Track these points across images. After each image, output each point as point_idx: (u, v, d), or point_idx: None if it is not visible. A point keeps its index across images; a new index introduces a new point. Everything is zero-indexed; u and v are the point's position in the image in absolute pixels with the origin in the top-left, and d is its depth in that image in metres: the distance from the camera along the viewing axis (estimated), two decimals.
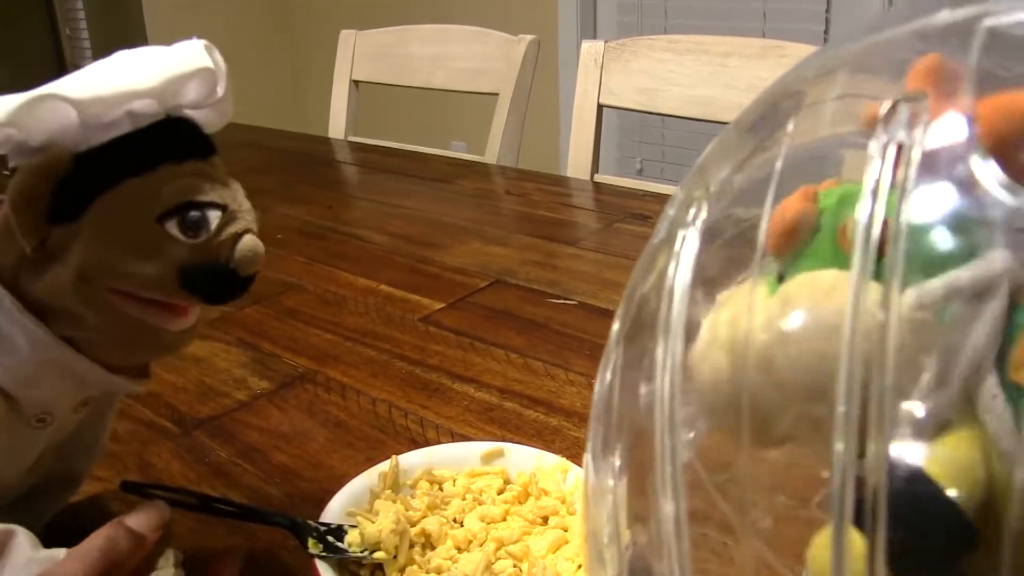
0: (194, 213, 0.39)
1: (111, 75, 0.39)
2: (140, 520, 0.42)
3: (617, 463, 0.29)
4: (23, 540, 0.40)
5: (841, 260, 0.24)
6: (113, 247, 0.39)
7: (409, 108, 2.98)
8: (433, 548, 0.47)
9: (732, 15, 2.43)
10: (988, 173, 0.21)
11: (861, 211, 0.21)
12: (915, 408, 0.20)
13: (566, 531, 0.47)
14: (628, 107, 1.28)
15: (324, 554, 0.46)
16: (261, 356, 0.76)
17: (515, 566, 0.45)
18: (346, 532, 0.47)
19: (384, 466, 0.52)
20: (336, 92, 1.65)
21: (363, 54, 1.64)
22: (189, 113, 0.42)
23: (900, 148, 0.21)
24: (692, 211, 0.28)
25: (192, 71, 0.40)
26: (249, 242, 0.40)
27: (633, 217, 1.11)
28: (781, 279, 0.25)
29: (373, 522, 0.46)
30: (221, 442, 0.64)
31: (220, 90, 0.42)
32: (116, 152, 0.39)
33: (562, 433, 0.63)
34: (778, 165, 0.25)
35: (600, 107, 1.30)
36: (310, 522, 0.48)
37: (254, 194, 0.44)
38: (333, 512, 0.49)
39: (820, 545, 0.22)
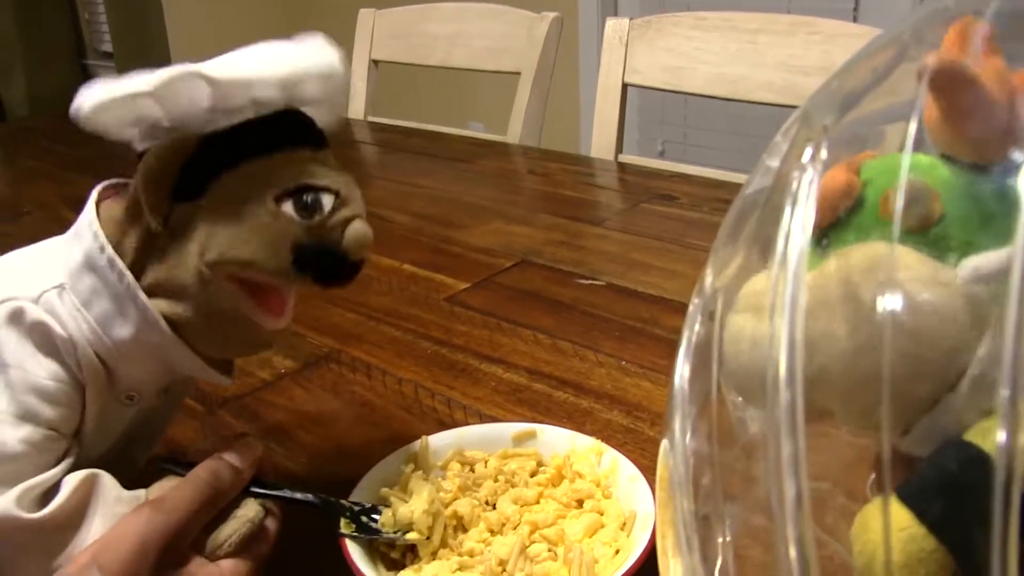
0: (309, 195, 0.41)
1: (242, 62, 0.40)
2: (238, 456, 0.44)
3: (706, 446, 0.28)
4: (108, 481, 0.42)
5: (885, 231, 0.24)
6: (232, 224, 0.40)
7: (425, 88, 2.96)
8: (465, 531, 0.46)
9: None
10: None
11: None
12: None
13: (602, 515, 0.46)
14: (654, 86, 1.25)
15: (356, 534, 0.44)
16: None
17: (550, 550, 0.44)
18: (378, 512, 0.46)
19: (414, 447, 0.51)
20: (355, 72, 1.64)
21: (382, 33, 1.62)
22: (306, 109, 0.44)
23: None
24: (809, 151, 0.26)
25: (317, 68, 0.42)
26: (360, 227, 0.42)
27: (659, 197, 1.09)
28: (819, 248, 0.25)
29: (406, 502, 0.45)
30: (246, 421, 0.63)
31: (339, 90, 0.44)
32: (238, 135, 0.41)
33: (593, 415, 0.61)
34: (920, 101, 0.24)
35: (625, 86, 1.28)
36: (343, 501, 0.47)
37: None
38: (362, 493, 0.48)
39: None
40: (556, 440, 0.52)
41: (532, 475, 0.50)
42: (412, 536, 0.45)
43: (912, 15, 0.31)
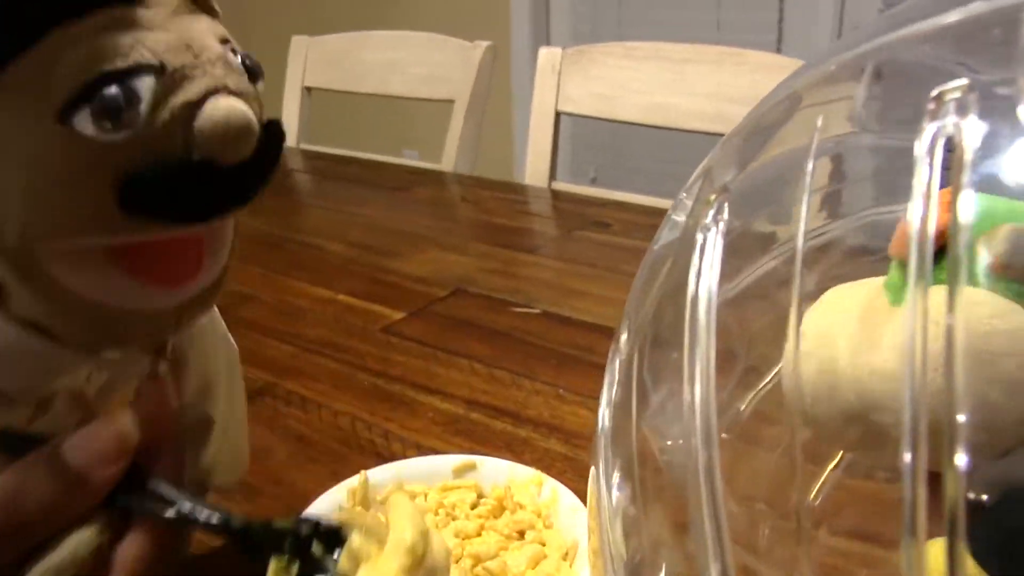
0: (111, 91, 0.25)
1: None
2: (81, 444, 0.29)
3: (630, 486, 0.28)
4: None
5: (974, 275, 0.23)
6: (17, 170, 0.26)
7: (359, 116, 2.95)
8: None
9: (686, 24, 2.45)
10: None
11: (912, 216, 0.20)
12: None
13: (544, 545, 0.46)
14: (586, 114, 1.27)
15: None
16: None
17: None
18: (338, 541, 0.31)
19: (353, 481, 0.50)
20: (288, 99, 1.63)
21: (316, 60, 1.61)
22: None
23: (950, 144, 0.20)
24: (711, 212, 0.27)
25: None
26: (219, 108, 0.26)
27: (593, 224, 1.10)
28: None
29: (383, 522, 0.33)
30: None
31: None
32: None
33: (531, 444, 0.61)
34: (809, 166, 0.24)
35: (558, 114, 1.29)
36: (277, 523, 0.32)
37: None
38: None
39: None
40: (496, 471, 0.52)
41: (473, 507, 0.50)
42: None
43: (803, 70, 0.32)
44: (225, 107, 0.26)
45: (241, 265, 0.34)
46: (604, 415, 0.30)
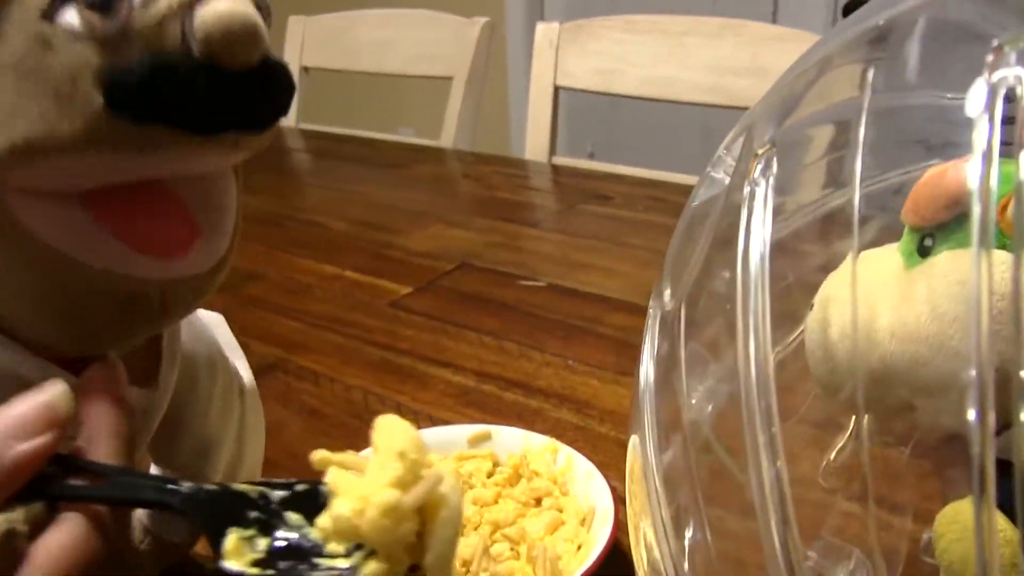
0: None
1: None
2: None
3: (676, 440, 0.28)
4: None
5: (1001, 239, 0.22)
6: None
7: (352, 95, 2.94)
8: None
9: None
10: None
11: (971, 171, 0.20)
12: None
13: (561, 512, 0.47)
14: (586, 88, 1.27)
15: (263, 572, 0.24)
16: None
17: (512, 548, 0.45)
18: (317, 502, 0.25)
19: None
20: None
21: (312, 40, 1.61)
22: None
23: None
24: (759, 167, 0.27)
25: None
26: (215, 7, 0.23)
27: (594, 198, 1.11)
28: (922, 249, 0.25)
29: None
30: None
31: None
32: None
33: (543, 414, 0.62)
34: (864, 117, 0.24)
35: (557, 89, 1.29)
36: (237, 487, 0.26)
37: None
38: None
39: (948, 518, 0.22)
40: (511, 440, 0.52)
41: (489, 476, 0.50)
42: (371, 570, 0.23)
43: (836, 31, 0.32)
44: (226, 5, 0.23)
45: (244, 243, 0.31)
46: (647, 370, 0.31)
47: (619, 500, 0.44)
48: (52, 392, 0.24)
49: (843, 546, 0.30)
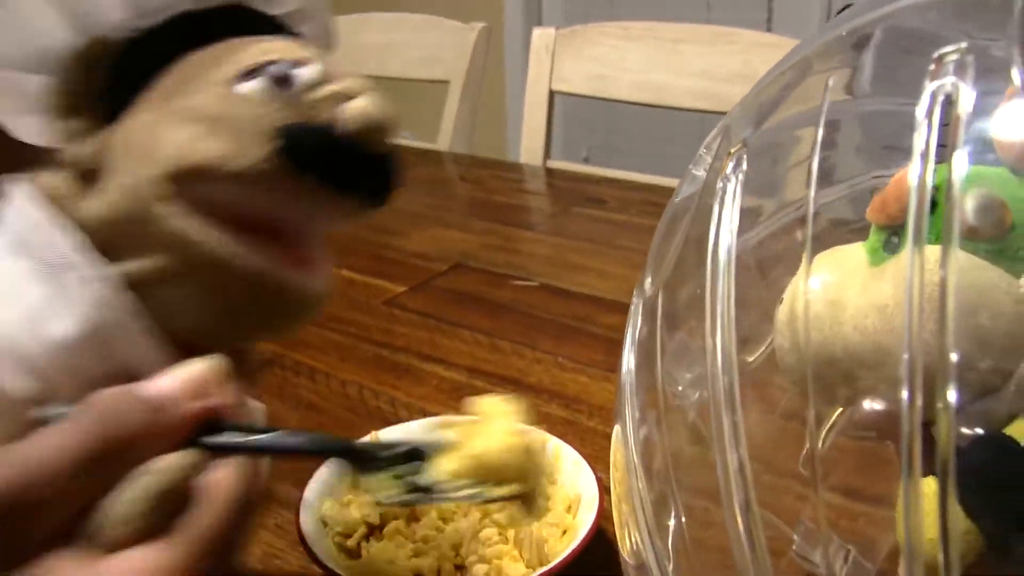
0: (278, 67, 0.31)
1: None
2: (164, 385, 0.29)
3: (653, 420, 0.30)
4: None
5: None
6: (180, 123, 0.30)
7: None
8: (418, 520, 0.48)
9: (677, 4, 2.46)
10: None
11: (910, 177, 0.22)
12: None
13: (548, 499, 0.48)
14: (581, 94, 1.29)
15: (410, 496, 0.31)
16: None
17: (500, 534, 0.46)
18: (420, 455, 0.31)
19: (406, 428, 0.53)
20: None
21: None
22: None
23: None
24: (731, 165, 0.29)
25: None
26: (362, 103, 0.31)
27: (588, 201, 1.12)
28: (889, 246, 0.26)
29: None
30: None
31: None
32: (174, 30, 0.32)
33: (533, 409, 0.64)
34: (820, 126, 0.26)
35: (552, 94, 1.31)
36: (367, 444, 0.33)
37: None
38: (312, 492, 0.49)
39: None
40: None
41: None
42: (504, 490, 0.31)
43: (816, 35, 0.34)
44: (372, 100, 0.31)
45: None
46: (628, 356, 0.33)
47: (604, 489, 0.46)
48: (211, 364, 0.30)
49: (821, 531, 0.32)
